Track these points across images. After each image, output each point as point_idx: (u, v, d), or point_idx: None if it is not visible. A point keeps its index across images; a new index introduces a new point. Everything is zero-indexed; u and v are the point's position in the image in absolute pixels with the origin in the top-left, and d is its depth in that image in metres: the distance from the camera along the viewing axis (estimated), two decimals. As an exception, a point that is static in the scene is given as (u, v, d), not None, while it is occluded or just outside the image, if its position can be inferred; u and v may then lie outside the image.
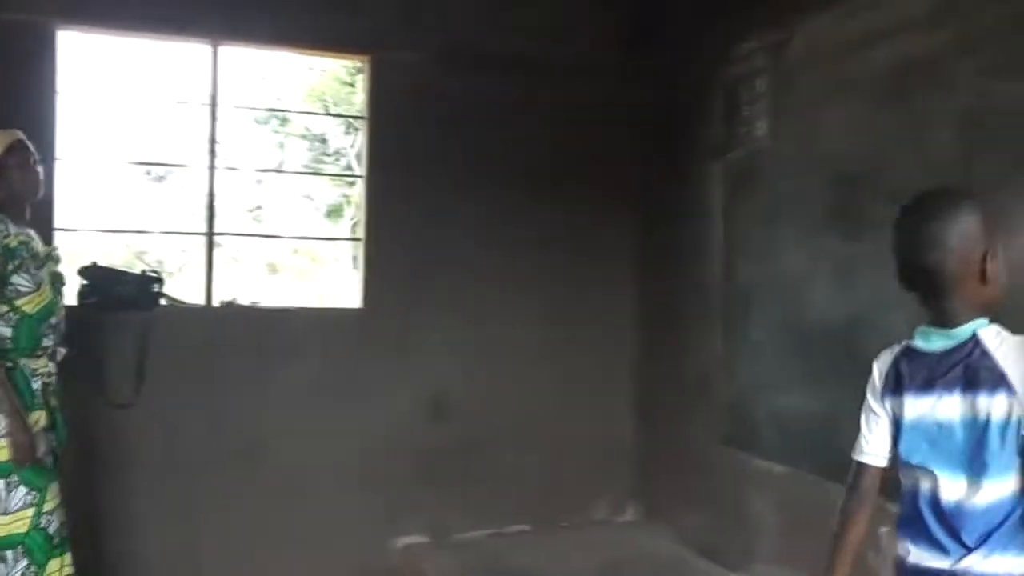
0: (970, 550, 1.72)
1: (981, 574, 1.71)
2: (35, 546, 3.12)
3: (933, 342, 1.81)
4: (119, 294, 4.06)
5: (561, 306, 4.90)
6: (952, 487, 1.76)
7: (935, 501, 1.78)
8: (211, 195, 4.36)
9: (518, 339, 4.79)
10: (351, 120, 4.83)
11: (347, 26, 4.44)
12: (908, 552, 1.83)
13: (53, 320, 3.23)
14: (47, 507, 3.13)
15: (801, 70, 3.85)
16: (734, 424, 4.28)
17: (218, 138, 4.38)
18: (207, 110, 4.32)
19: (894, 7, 3.33)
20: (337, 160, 11.14)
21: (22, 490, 3.10)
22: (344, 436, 4.47)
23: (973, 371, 1.73)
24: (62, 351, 3.30)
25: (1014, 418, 1.69)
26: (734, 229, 4.31)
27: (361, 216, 4.62)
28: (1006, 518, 1.71)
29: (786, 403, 3.92)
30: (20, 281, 3.10)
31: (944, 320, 1.79)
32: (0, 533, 3.08)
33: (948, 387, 1.76)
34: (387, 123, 4.56)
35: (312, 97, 10.72)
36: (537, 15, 4.79)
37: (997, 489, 1.71)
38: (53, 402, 3.22)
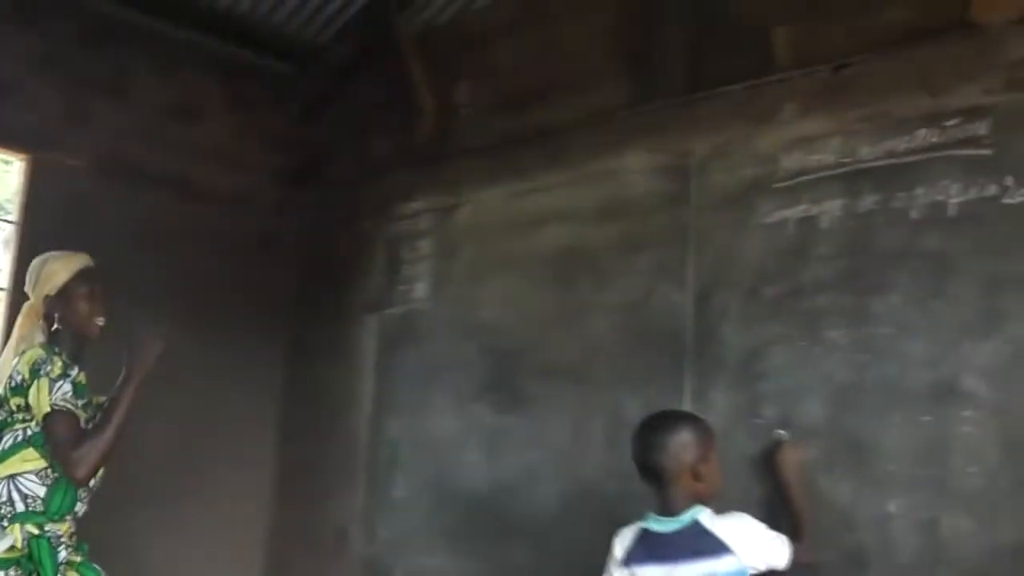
0: None
1: None
2: None
3: (664, 525, 2.33)
4: None
5: (196, 444, 4.56)
6: None
7: None
8: None
9: (142, 482, 4.45)
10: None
11: (7, 118, 4.06)
12: None
13: (93, 483, 2.66)
14: None
15: (467, 238, 4.01)
16: (371, 584, 4.23)
17: None
18: None
19: (565, 196, 3.61)
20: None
21: None
22: None
23: (699, 544, 2.26)
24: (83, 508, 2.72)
25: (738, 568, 2.25)
26: (385, 384, 4.32)
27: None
28: None
29: (427, 564, 3.93)
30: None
31: (667, 507, 2.34)
32: None
33: (683, 557, 2.27)
34: (40, 231, 4.13)
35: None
36: (204, 136, 4.66)
37: None
38: (76, 559, 2.67)
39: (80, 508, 2.73)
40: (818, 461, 2.64)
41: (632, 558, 2.38)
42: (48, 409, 2.59)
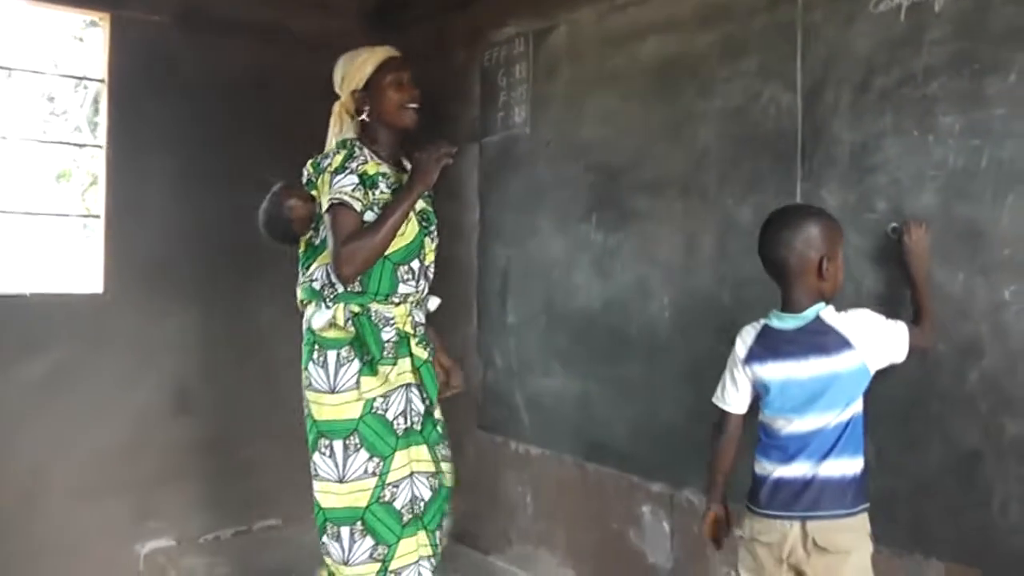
0: (820, 461, 2.36)
1: (826, 477, 2.36)
2: (377, 523, 2.78)
3: (786, 322, 2.42)
4: None
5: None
6: (811, 423, 2.38)
7: (794, 435, 2.41)
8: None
9: (262, 328, 4.73)
10: (80, 79, 4.49)
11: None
12: (767, 470, 2.45)
13: (415, 264, 2.89)
14: (391, 478, 2.78)
15: (563, 60, 4.04)
16: (490, 408, 4.46)
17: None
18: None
19: (661, 5, 3.59)
20: (66, 119, 10.11)
21: (363, 455, 2.77)
22: (83, 437, 4.20)
23: (821, 341, 2.35)
24: (435, 300, 3.03)
25: (859, 365, 2.34)
26: (491, 212, 4.46)
27: (100, 192, 4.34)
28: (843, 434, 2.36)
29: (544, 386, 4.12)
30: (373, 217, 2.76)
31: (790, 304, 2.42)
32: (334, 504, 2.77)
33: (804, 353, 2.37)
34: (129, 89, 4.31)
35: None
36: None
37: (839, 417, 2.36)
38: (422, 354, 2.89)
39: (408, 289, 2.89)
40: (932, 251, 2.67)
41: (753, 356, 2.48)
42: (326, 203, 2.79)
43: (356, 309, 2.80)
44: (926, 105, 2.74)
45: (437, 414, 3.05)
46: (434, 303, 3.07)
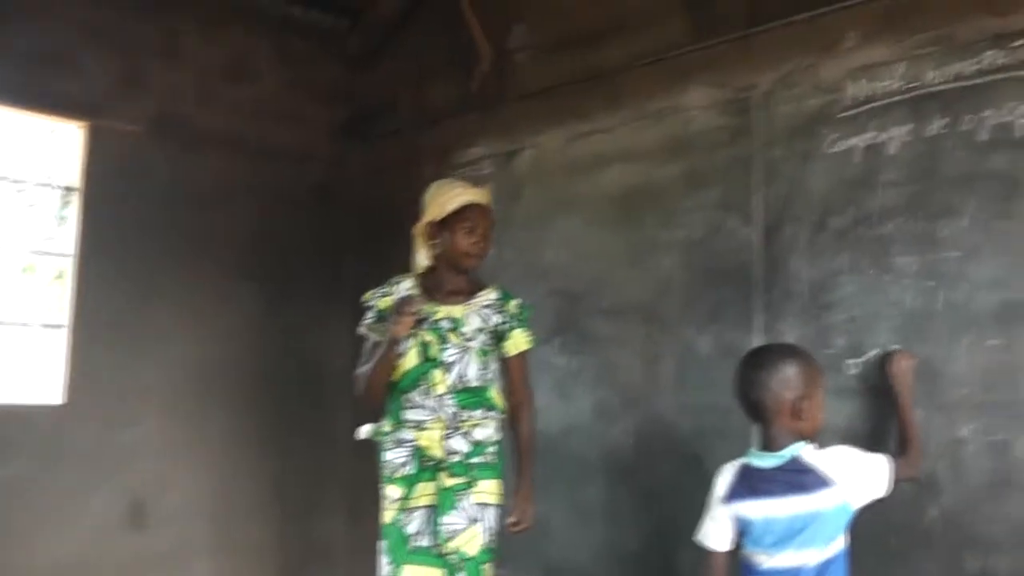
0: None
1: None
2: (392, 543, 3.00)
3: (765, 460, 2.40)
4: None
5: (272, 402, 4.84)
6: (790, 559, 2.34)
7: (774, 571, 2.37)
8: None
9: (225, 436, 4.69)
10: (53, 187, 4.50)
11: (65, 88, 4.22)
12: None
13: (417, 393, 2.99)
14: (411, 504, 2.99)
15: (529, 182, 4.10)
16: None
17: None
18: None
19: (626, 135, 3.68)
20: (32, 210, 10.08)
21: (385, 559, 3.02)
22: (38, 551, 4.06)
23: (800, 480, 2.33)
24: (483, 431, 3.03)
25: (840, 504, 2.31)
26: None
27: (68, 299, 4.32)
28: (825, 571, 2.32)
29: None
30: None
31: (769, 443, 2.40)
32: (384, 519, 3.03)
33: (783, 492, 2.34)
34: (101, 197, 4.34)
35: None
36: (258, 94, 4.84)
37: (822, 554, 2.32)
38: (447, 482, 2.98)
39: (418, 416, 2.99)
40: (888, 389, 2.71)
41: (734, 495, 2.45)
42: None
43: (386, 428, 3.04)
44: (882, 245, 2.82)
45: (459, 545, 3.02)
46: (481, 433, 3.04)
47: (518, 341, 3.13)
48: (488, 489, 3.03)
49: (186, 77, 4.63)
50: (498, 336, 3.09)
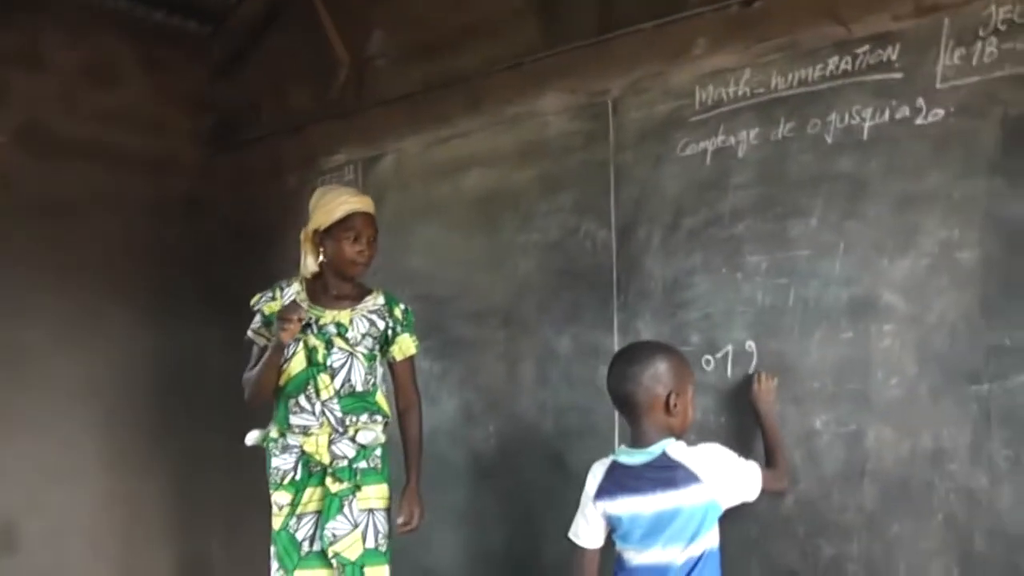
0: None
1: None
2: (281, 549, 2.82)
3: (634, 457, 2.23)
4: None
5: (145, 418, 4.41)
6: (657, 555, 2.19)
7: (642, 567, 2.22)
8: None
9: (97, 455, 4.25)
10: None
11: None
12: None
13: (303, 398, 2.79)
14: (300, 509, 2.81)
15: (391, 189, 3.82)
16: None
17: None
18: None
19: (483, 140, 3.45)
20: None
21: (274, 565, 2.85)
22: None
23: (667, 476, 2.17)
24: (368, 435, 2.84)
25: (707, 501, 2.16)
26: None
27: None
28: (693, 569, 2.17)
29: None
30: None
31: (639, 440, 2.23)
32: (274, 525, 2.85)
33: (651, 488, 2.18)
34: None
35: None
36: (121, 101, 4.38)
37: (687, 551, 2.17)
38: (333, 487, 2.78)
39: (303, 422, 2.82)
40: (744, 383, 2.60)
41: (603, 492, 2.29)
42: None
43: (273, 435, 2.87)
44: (734, 245, 2.66)
45: (340, 550, 2.82)
46: (365, 437, 2.85)
47: (405, 346, 2.99)
48: (374, 495, 2.87)
49: (49, 84, 4.17)
50: (384, 341, 2.95)
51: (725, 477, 2.21)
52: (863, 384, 2.40)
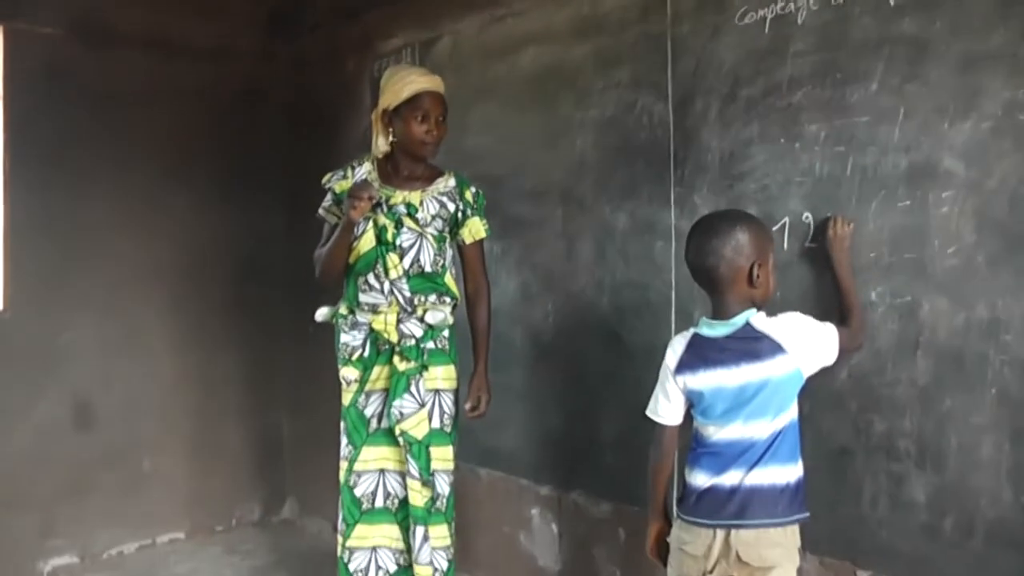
0: (749, 469, 2.13)
1: (754, 485, 2.13)
2: (343, 503, 2.95)
3: (716, 330, 2.18)
4: None
5: (212, 299, 4.57)
6: (739, 431, 2.15)
7: (724, 442, 2.18)
8: None
9: (166, 335, 4.43)
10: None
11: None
12: (697, 478, 2.21)
13: (373, 277, 2.84)
14: (357, 467, 2.92)
15: (448, 70, 3.73)
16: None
17: None
18: None
19: (538, 17, 3.41)
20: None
21: (344, 440, 2.96)
22: None
23: (752, 347, 2.12)
24: (437, 315, 2.90)
25: (793, 371, 2.12)
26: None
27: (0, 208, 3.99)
28: (775, 441, 2.14)
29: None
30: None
31: (721, 312, 2.18)
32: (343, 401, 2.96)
33: (736, 360, 2.14)
34: (25, 102, 3.95)
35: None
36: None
37: (772, 424, 2.13)
38: (400, 366, 2.84)
39: (372, 300, 2.87)
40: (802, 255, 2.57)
41: (684, 366, 2.23)
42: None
43: (343, 311, 2.92)
44: (791, 114, 2.60)
45: (407, 428, 2.90)
46: (433, 317, 2.90)
47: (475, 229, 3.01)
48: (441, 375, 2.92)
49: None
50: (454, 223, 2.96)
51: (808, 345, 2.15)
52: (919, 253, 2.35)
